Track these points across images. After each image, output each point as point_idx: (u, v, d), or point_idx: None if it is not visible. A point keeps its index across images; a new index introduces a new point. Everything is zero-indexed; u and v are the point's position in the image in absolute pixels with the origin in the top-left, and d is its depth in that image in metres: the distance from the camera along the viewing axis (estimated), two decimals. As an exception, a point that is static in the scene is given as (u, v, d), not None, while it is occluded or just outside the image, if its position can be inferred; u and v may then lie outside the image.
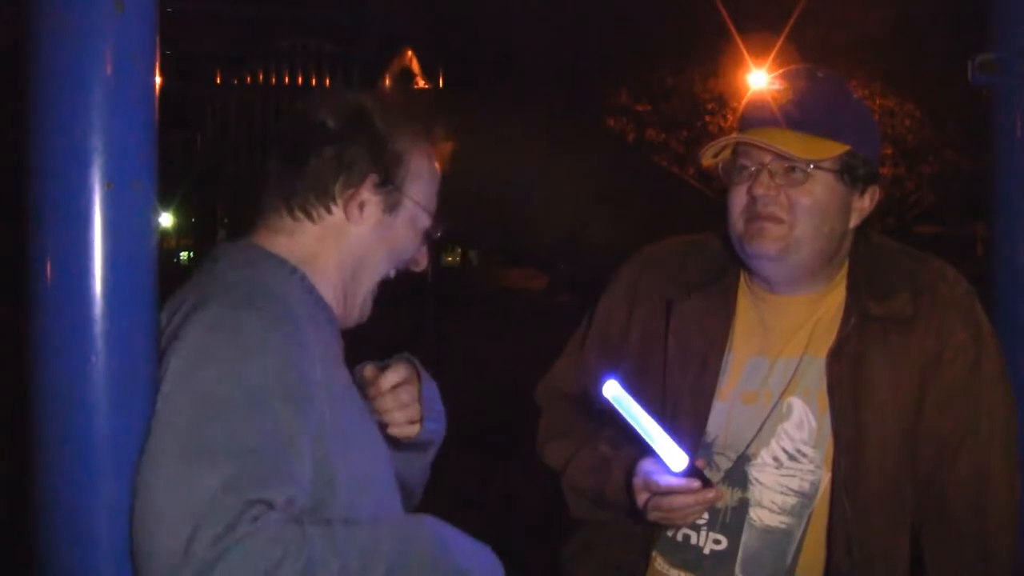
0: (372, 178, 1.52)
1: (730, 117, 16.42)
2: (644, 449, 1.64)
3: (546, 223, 7.83)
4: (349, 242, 1.54)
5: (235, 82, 19.58)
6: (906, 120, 16.22)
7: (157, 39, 1.40)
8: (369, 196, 1.53)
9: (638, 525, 1.76)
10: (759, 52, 12.51)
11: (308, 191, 1.52)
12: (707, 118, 16.74)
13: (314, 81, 19.31)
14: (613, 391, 1.62)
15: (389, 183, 1.53)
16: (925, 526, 1.71)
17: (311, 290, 1.52)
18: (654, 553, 1.82)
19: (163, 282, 1.41)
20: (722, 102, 16.40)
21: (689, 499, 1.61)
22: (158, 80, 1.40)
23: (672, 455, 1.59)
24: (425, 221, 1.58)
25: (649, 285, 1.89)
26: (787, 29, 11.22)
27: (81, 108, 1.31)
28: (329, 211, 1.53)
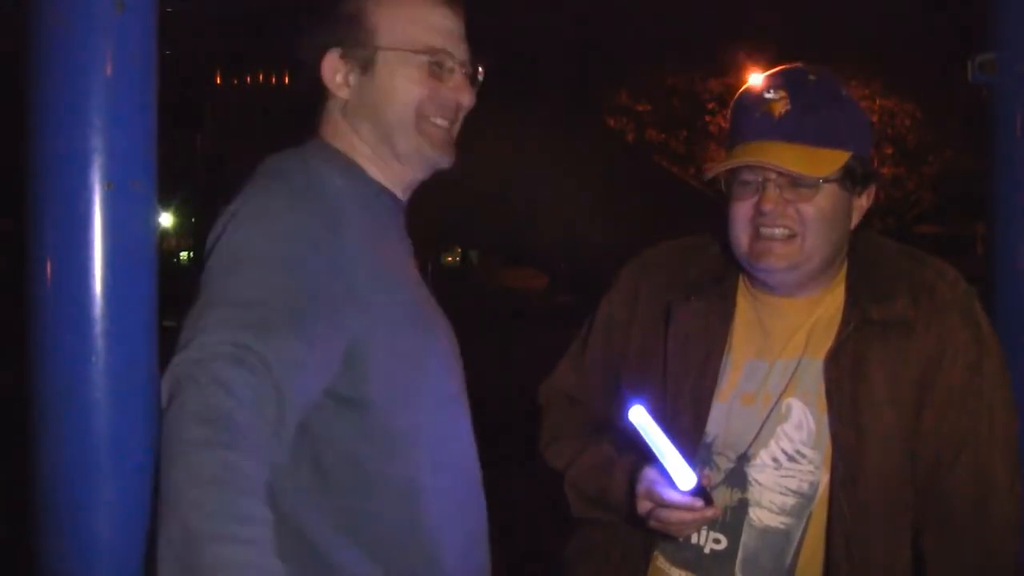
0: (334, 51, 1.58)
1: (730, 117, 16.39)
2: (649, 456, 1.64)
3: (546, 223, 7.83)
4: (354, 115, 1.59)
5: (235, 82, 19.59)
6: (906, 120, 16.24)
7: (157, 39, 1.40)
8: (342, 67, 1.58)
9: (637, 527, 1.76)
10: (759, 52, 12.52)
11: (309, 89, 1.62)
12: (707, 118, 16.76)
13: (314, 81, 19.27)
14: (639, 417, 1.62)
15: (354, 46, 1.57)
16: (926, 528, 1.71)
17: (354, 172, 1.58)
18: (655, 552, 1.82)
19: (163, 282, 1.42)
20: (722, 102, 16.41)
21: (689, 516, 1.63)
22: (158, 80, 1.41)
23: (682, 475, 1.60)
24: (415, 59, 1.58)
25: (649, 288, 1.89)
26: (787, 29, 11.23)
27: (81, 108, 1.31)
28: (328, 96, 1.61)
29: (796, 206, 1.68)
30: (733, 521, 1.75)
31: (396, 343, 1.48)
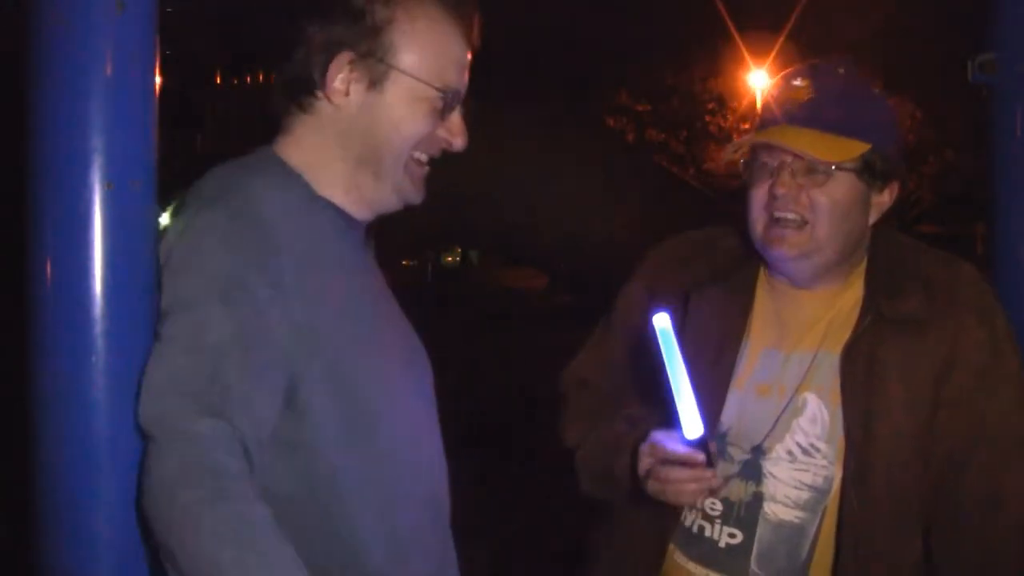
0: (346, 54, 1.44)
1: (730, 117, 16.44)
2: (661, 421, 1.64)
3: (546, 223, 7.81)
4: (344, 129, 1.47)
5: (235, 82, 19.58)
6: (906, 120, 16.22)
7: (157, 39, 1.40)
8: (347, 74, 1.44)
9: (638, 509, 1.76)
10: (759, 52, 12.54)
11: (298, 81, 1.46)
12: (707, 118, 16.77)
13: (314, 81, 19.25)
14: (662, 323, 1.61)
15: (368, 56, 1.44)
16: (936, 526, 1.71)
17: (306, 190, 1.46)
18: (671, 546, 1.82)
19: (163, 282, 1.41)
20: (722, 102, 16.44)
21: (686, 474, 1.61)
22: (158, 80, 1.40)
23: (690, 420, 1.58)
24: (429, 93, 1.46)
25: (665, 280, 1.90)
26: (787, 28, 11.24)
27: (81, 108, 1.31)
28: (318, 98, 1.46)
29: (808, 192, 1.69)
30: (748, 515, 1.75)
31: (340, 377, 1.39)
